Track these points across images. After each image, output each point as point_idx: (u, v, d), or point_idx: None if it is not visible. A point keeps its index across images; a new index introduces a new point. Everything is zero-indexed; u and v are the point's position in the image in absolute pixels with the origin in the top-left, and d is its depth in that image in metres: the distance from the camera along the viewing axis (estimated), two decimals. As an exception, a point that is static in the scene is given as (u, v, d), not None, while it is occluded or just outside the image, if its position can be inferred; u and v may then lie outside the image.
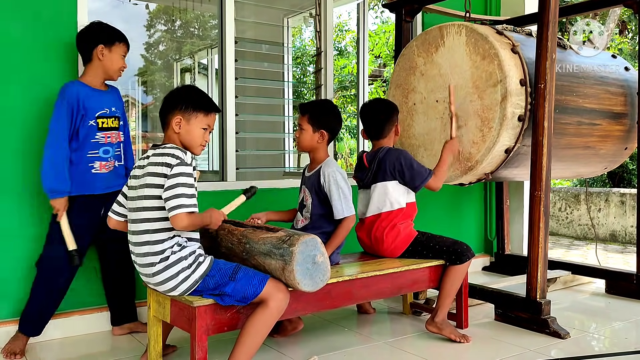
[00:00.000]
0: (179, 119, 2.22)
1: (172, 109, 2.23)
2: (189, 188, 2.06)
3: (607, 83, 3.52)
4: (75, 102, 2.62)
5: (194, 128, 2.23)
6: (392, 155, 2.89)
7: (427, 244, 2.88)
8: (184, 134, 2.22)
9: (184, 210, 2.01)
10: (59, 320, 2.84)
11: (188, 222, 2.03)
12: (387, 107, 3.05)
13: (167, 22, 7.96)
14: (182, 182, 2.05)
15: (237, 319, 2.17)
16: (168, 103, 2.26)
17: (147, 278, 2.18)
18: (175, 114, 2.22)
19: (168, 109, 2.24)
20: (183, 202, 2.02)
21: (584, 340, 2.82)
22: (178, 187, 2.04)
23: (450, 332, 2.76)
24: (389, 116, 3.00)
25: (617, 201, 6.52)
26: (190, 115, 2.23)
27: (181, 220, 2.02)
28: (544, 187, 2.87)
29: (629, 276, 3.61)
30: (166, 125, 2.25)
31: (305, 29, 10.29)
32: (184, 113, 2.22)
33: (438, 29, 3.23)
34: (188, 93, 2.28)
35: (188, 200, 2.04)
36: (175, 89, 2.33)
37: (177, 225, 2.03)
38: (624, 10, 8.78)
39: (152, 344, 2.35)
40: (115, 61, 2.73)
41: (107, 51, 2.70)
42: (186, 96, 2.25)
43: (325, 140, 2.81)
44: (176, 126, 2.22)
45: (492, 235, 4.60)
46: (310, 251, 2.10)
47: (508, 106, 2.89)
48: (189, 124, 2.22)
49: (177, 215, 2.01)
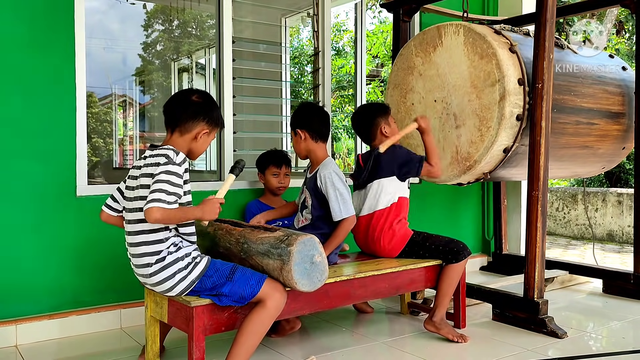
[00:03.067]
0: (206, 131, 2.22)
1: (199, 119, 2.20)
2: (169, 185, 2.00)
3: (605, 83, 3.52)
4: None
5: (209, 141, 2.27)
6: (388, 150, 2.89)
7: (424, 243, 2.88)
8: (200, 144, 2.23)
9: (156, 204, 1.95)
10: (56, 320, 2.83)
11: (160, 215, 1.95)
12: (366, 112, 3.07)
13: (164, 22, 7.94)
14: (163, 179, 2.00)
15: (234, 318, 2.17)
16: (196, 111, 2.19)
17: (143, 278, 2.17)
18: (203, 126, 2.20)
19: (194, 117, 2.19)
20: (158, 197, 1.96)
21: (581, 339, 2.82)
22: (157, 183, 1.99)
23: (448, 331, 2.75)
24: (368, 120, 3.02)
25: (615, 201, 6.53)
26: (213, 130, 2.25)
27: (153, 213, 1.93)
28: (542, 186, 2.87)
29: (626, 276, 3.61)
30: (184, 130, 2.19)
31: (302, 28, 10.29)
32: (210, 126, 2.23)
33: (436, 29, 3.23)
34: (215, 106, 2.28)
35: (166, 196, 1.97)
36: (200, 95, 2.25)
37: (149, 218, 1.95)
38: (621, 11, 8.80)
39: (149, 344, 2.34)
40: None
41: None
42: (214, 109, 2.26)
43: (308, 139, 2.81)
44: (199, 136, 2.20)
45: (489, 235, 4.60)
46: (308, 251, 2.09)
47: (506, 105, 2.89)
48: (209, 136, 2.25)
49: (150, 208, 1.94)
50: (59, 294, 2.87)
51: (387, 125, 3.00)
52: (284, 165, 3.28)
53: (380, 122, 2.99)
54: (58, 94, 2.85)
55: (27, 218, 2.78)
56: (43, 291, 2.83)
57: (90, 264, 2.94)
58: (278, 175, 3.26)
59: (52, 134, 2.84)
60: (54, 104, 2.84)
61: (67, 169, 2.88)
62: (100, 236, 2.90)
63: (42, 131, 2.81)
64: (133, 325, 3.00)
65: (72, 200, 2.88)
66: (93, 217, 2.40)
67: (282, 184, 3.27)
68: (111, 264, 2.96)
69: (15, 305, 2.75)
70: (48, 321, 2.81)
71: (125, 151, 8.53)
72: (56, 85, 2.85)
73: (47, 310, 2.84)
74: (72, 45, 2.89)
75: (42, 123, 2.81)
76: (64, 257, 2.88)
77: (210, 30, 7.61)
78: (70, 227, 2.88)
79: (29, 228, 2.79)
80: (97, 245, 2.94)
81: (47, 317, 2.81)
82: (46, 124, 2.82)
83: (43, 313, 2.82)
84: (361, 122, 3.07)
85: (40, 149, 2.80)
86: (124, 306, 3.01)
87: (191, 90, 2.32)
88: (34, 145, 2.79)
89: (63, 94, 2.87)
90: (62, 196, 2.86)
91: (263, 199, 3.32)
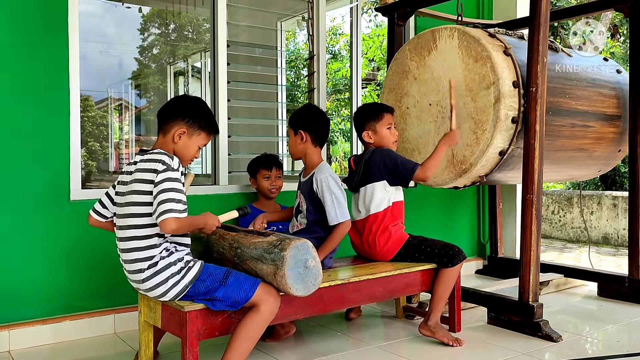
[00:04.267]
0: (182, 130, 2.19)
1: (178, 118, 2.19)
2: (176, 193, 2.02)
3: (600, 85, 3.53)
4: None
5: (193, 144, 2.22)
6: (377, 156, 2.88)
7: (419, 247, 2.87)
8: (181, 146, 2.20)
9: (172, 215, 1.98)
10: (49, 325, 2.81)
11: (177, 225, 1.99)
12: (356, 115, 3.07)
13: (160, 26, 7.93)
14: (169, 187, 2.02)
15: (228, 323, 2.15)
16: (175, 110, 2.21)
17: (136, 284, 2.15)
18: (180, 125, 2.19)
19: (173, 116, 2.20)
20: (171, 207, 1.98)
21: (577, 343, 2.82)
22: (165, 192, 2.00)
23: (443, 335, 2.75)
24: (357, 124, 3.02)
25: (610, 204, 6.54)
26: (194, 132, 2.21)
27: (170, 224, 1.97)
28: (536, 190, 2.87)
29: (621, 279, 3.62)
30: (165, 131, 2.21)
31: (298, 32, 10.29)
32: (190, 127, 2.20)
33: (430, 33, 3.23)
34: (199, 109, 2.24)
35: (176, 205, 2.00)
36: (186, 98, 2.28)
37: (166, 230, 1.99)
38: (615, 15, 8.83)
39: (142, 349, 2.32)
40: None
41: None
42: (197, 111, 2.22)
43: (308, 141, 2.80)
44: (177, 137, 2.19)
45: (485, 239, 4.60)
46: (301, 255, 2.09)
47: (501, 108, 2.89)
48: (190, 139, 2.21)
49: (165, 220, 1.97)
50: (52, 299, 2.85)
51: (372, 132, 2.95)
52: (274, 168, 3.27)
53: (365, 127, 2.97)
54: (52, 98, 2.84)
55: (21, 222, 2.77)
56: (36, 296, 2.81)
57: (83, 268, 2.93)
58: (269, 178, 3.25)
59: (46, 138, 2.83)
60: (48, 108, 2.83)
61: (61, 173, 2.87)
62: (93, 241, 2.88)
63: (35, 135, 2.79)
64: (127, 330, 2.98)
65: (65, 205, 2.87)
66: (87, 221, 2.39)
67: (274, 186, 3.26)
68: (105, 268, 2.94)
69: (8, 310, 2.73)
70: (41, 326, 2.79)
71: (121, 155, 8.51)
72: (50, 89, 2.83)
73: (41, 315, 2.82)
74: (66, 49, 2.87)
75: (36, 127, 2.79)
76: (58, 262, 2.86)
77: (206, 33, 7.60)
78: (63, 232, 2.87)
79: (22, 232, 2.77)
80: (90, 249, 2.92)
81: (40, 323, 2.80)
82: (40, 128, 2.81)
83: (36, 318, 2.80)
84: (354, 123, 3.09)
85: (33, 153, 2.79)
86: (117, 311, 2.99)
87: (184, 95, 2.32)
88: (28, 149, 2.77)
89: (57, 97, 2.85)
90: (55, 200, 2.85)
91: (257, 204, 3.31)
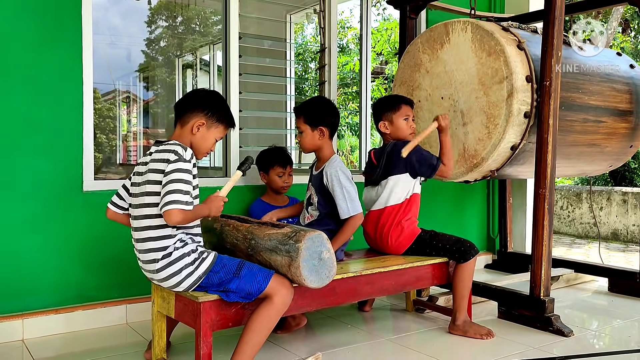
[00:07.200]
0: (201, 122, 2.20)
1: (197, 109, 2.20)
2: (184, 184, 2.02)
3: (613, 80, 3.50)
4: None
5: (211, 137, 2.23)
6: (400, 148, 2.87)
7: (431, 242, 2.87)
8: (198, 138, 2.21)
9: (176, 206, 1.97)
10: (62, 315, 2.83)
11: (181, 217, 1.98)
12: (374, 106, 3.05)
13: (168, 18, 7.92)
14: (177, 178, 2.01)
15: (242, 314, 2.16)
16: (195, 102, 2.22)
17: (150, 274, 2.16)
18: (200, 117, 2.20)
19: (193, 107, 2.21)
20: (176, 198, 1.98)
21: (587, 338, 2.82)
22: (173, 183, 2.00)
23: (475, 332, 2.75)
24: (376, 112, 3.01)
25: (619, 200, 6.51)
26: (213, 124, 2.22)
27: (174, 215, 1.97)
28: (549, 184, 2.86)
29: (632, 275, 3.61)
30: (183, 122, 2.21)
31: (307, 25, 10.27)
32: (209, 119, 2.21)
33: (443, 26, 3.22)
34: (218, 102, 2.26)
35: (182, 196, 1.99)
36: (205, 91, 2.30)
37: (170, 221, 1.98)
38: (626, 9, 8.76)
39: (156, 339, 2.34)
40: None
41: None
42: (216, 104, 2.24)
43: (326, 137, 2.80)
44: (196, 128, 2.20)
45: (494, 233, 4.59)
46: (316, 247, 2.09)
47: (514, 103, 2.88)
48: (208, 131, 2.22)
49: (169, 211, 1.96)
50: (65, 289, 2.87)
51: (388, 122, 2.95)
52: (289, 166, 3.27)
53: (382, 117, 2.97)
54: (65, 90, 2.85)
55: (34, 213, 2.78)
56: (49, 286, 2.83)
57: (96, 258, 2.94)
58: (283, 175, 3.25)
59: (59, 129, 2.84)
60: (61, 100, 2.84)
61: (74, 164, 2.88)
62: (106, 231, 2.90)
63: (49, 126, 2.80)
64: (139, 321, 3.00)
65: (78, 196, 2.88)
66: (99, 212, 2.40)
67: (286, 184, 3.26)
68: (117, 258, 2.96)
69: (22, 300, 2.75)
70: (54, 316, 2.81)
71: (128, 147, 8.53)
72: (63, 81, 2.84)
73: (53, 305, 2.84)
74: (79, 41, 2.88)
75: (50, 118, 2.80)
76: (71, 252, 2.88)
77: (214, 26, 7.60)
78: (76, 222, 2.89)
79: (36, 223, 2.79)
80: (103, 240, 2.94)
81: (53, 312, 2.82)
82: (53, 120, 2.82)
83: (49, 308, 2.82)
84: (372, 113, 3.08)
85: (47, 144, 2.80)
86: (130, 301, 3.01)
87: (203, 89, 2.33)
88: (41, 141, 2.78)
89: (70, 89, 2.86)
90: (68, 191, 2.86)
91: (266, 197, 3.30)
